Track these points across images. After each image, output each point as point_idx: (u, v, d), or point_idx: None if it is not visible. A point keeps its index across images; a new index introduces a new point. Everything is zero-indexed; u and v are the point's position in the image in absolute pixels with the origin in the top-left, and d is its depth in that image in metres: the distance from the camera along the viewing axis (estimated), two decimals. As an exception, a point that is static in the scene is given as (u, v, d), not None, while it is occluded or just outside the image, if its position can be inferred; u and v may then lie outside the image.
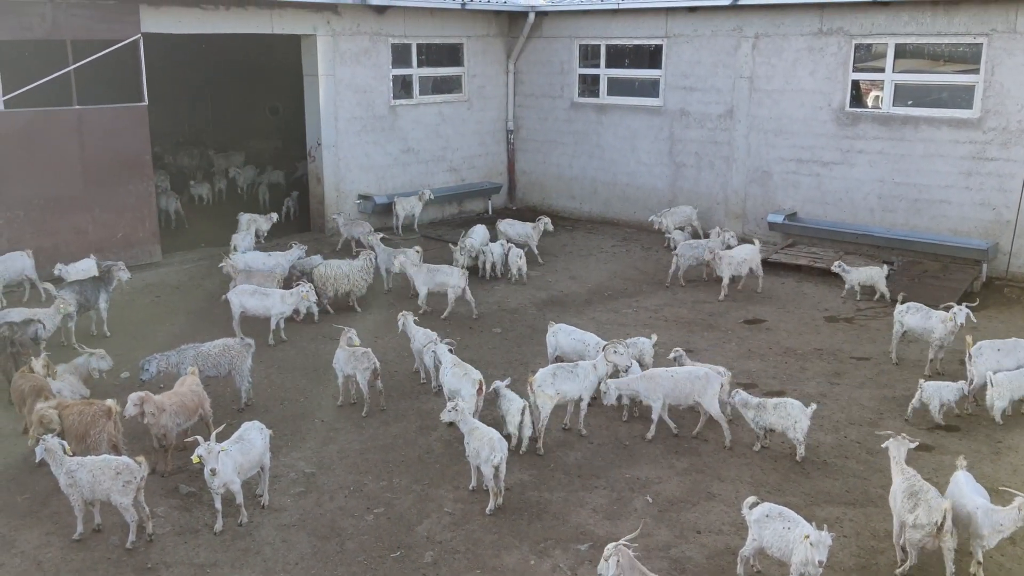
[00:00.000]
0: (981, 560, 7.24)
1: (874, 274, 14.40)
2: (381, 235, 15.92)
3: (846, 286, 14.69)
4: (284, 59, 21.39)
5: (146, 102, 16.19)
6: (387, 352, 12.05)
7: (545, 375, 9.78)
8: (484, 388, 9.65)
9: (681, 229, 17.79)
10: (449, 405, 8.76)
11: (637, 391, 9.86)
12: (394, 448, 9.73)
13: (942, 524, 7.13)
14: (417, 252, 15.01)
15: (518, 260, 15.71)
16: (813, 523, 7.01)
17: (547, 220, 17.42)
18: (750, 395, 9.60)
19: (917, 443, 8.10)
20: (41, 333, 11.62)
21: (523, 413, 9.36)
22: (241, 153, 25.00)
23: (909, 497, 7.45)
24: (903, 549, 7.57)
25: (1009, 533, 7.20)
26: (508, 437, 9.32)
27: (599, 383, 9.90)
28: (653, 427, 9.90)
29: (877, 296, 14.40)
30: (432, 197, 19.46)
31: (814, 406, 9.30)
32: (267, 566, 7.67)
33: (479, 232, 16.61)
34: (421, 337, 11.33)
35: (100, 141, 15.88)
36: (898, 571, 7.56)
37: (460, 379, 9.80)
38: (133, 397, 8.95)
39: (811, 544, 6.67)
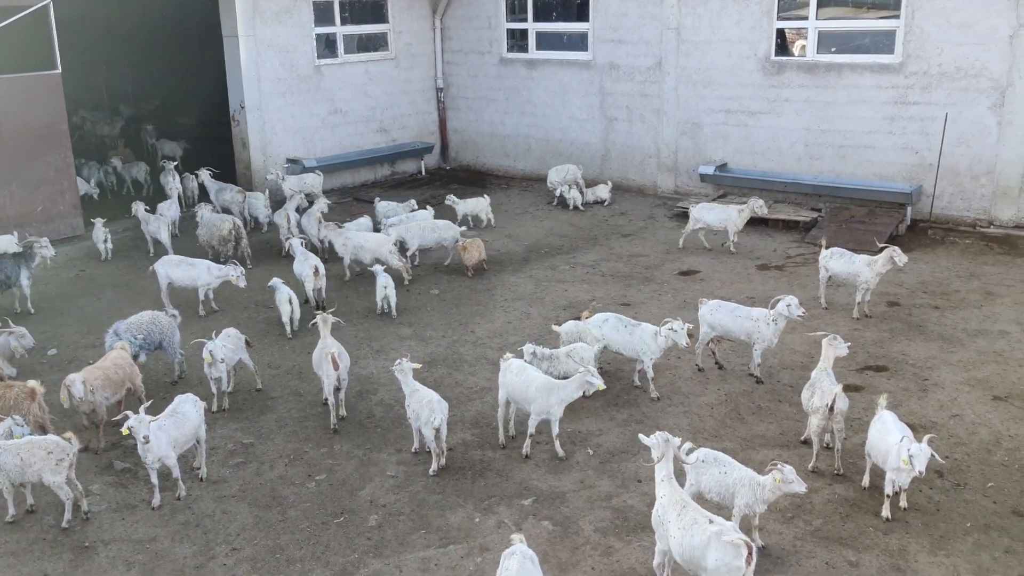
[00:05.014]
0: (890, 494, 7.54)
1: (480, 204, 16.66)
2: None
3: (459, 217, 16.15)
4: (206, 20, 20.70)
5: (59, 70, 15.57)
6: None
7: (599, 318, 10.08)
8: (320, 271, 12.19)
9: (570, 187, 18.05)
10: (396, 363, 8.68)
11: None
12: (334, 414, 9.66)
13: (832, 406, 7.96)
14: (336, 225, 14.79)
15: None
16: (775, 467, 6.93)
17: (760, 202, 14.99)
18: (540, 348, 9.46)
19: (849, 346, 8.76)
20: None
21: (291, 302, 11.50)
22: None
23: (808, 388, 8.46)
24: (807, 442, 8.55)
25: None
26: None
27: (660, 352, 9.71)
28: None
29: (484, 224, 16.59)
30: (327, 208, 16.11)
31: (600, 345, 9.80)
32: (208, 538, 7.59)
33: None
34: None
35: (13, 112, 15.24)
36: (809, 466, 8.28)
37: (303, 264, 12.24)
38: (75, 379, 8.68)
39: (780, 480, 6.82)
